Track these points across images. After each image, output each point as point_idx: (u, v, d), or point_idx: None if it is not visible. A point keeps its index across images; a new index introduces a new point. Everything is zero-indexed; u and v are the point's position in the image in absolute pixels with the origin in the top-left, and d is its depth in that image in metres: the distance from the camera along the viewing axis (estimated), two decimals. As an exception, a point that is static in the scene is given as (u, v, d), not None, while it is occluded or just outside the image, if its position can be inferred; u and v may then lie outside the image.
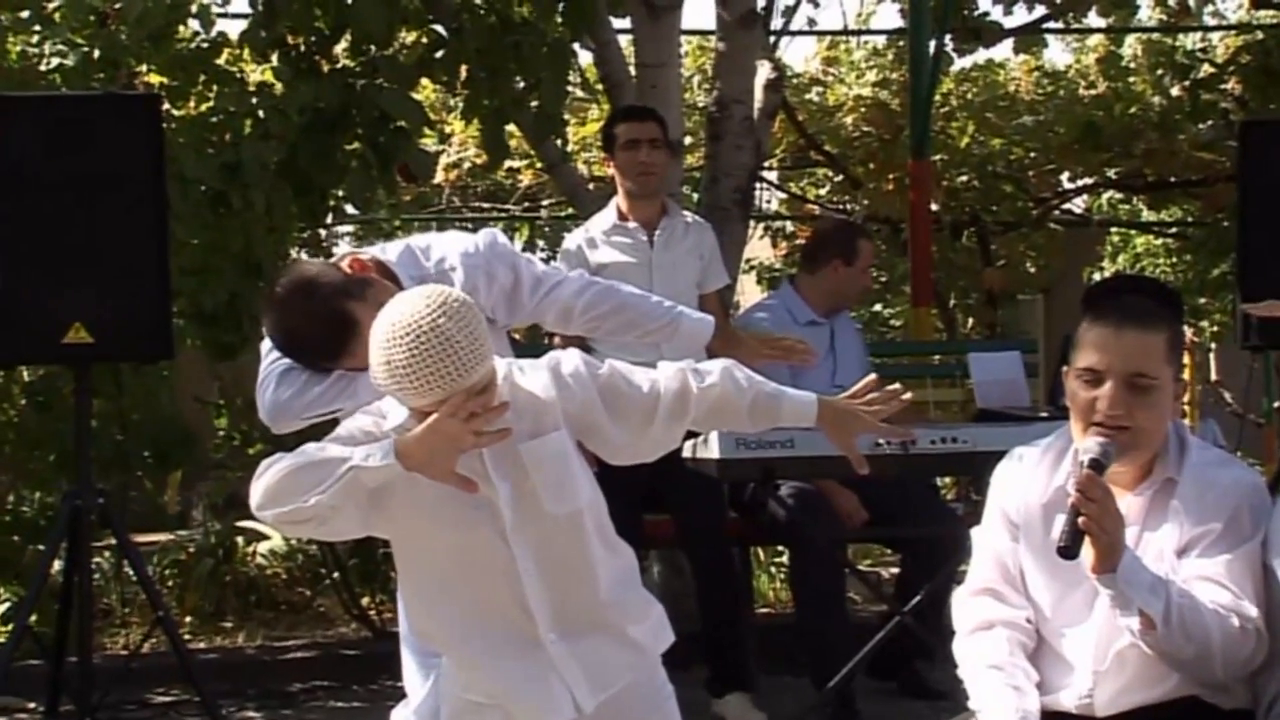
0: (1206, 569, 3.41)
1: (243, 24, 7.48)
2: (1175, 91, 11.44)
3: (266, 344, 4.25)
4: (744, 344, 4.77)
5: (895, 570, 7.43)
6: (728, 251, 7.18)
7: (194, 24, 7.27)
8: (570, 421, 3.25)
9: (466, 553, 3.20)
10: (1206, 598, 3.37)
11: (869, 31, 13.56)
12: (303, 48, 7.35)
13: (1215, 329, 13.62)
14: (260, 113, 7.02)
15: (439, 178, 11.73)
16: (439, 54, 7.51)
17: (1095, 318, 3.50)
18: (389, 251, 4.29)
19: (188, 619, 8.07)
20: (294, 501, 3.04)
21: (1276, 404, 11.41)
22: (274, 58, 7.43)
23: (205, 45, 7.31)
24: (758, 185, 9.90)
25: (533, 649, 3.22)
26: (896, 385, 3.55)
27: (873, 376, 3.58)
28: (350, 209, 9.19)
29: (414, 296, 3.06)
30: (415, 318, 3.00)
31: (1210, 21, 13.15)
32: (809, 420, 3.44)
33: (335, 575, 8.17)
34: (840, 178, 12.40)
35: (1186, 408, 11.47)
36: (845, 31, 13.43)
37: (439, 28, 7.55)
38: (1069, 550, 3.29)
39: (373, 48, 7.29)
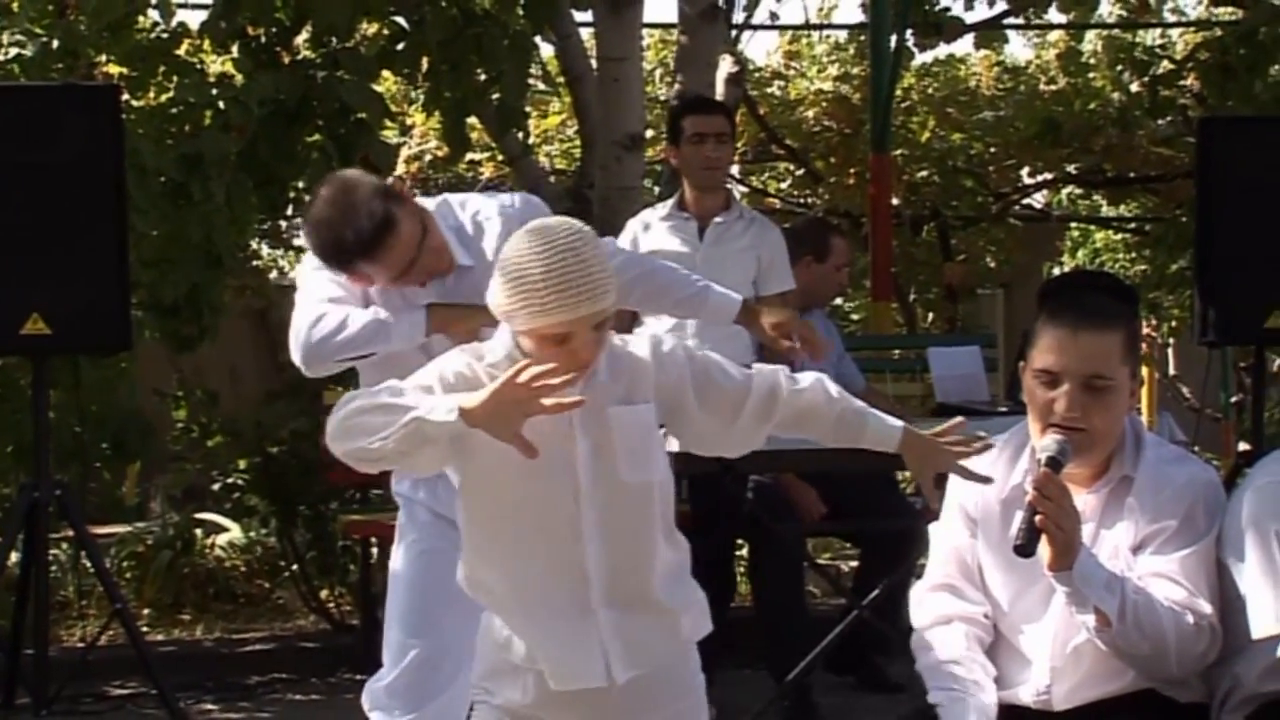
0: (1161, 566, 3.44)
1: (203, 15, 7.46)
2: (1135, 88, 11.50)
3: (302, 284, 4.27)
4: (761, 326, 4.71)
5: (855, 564, 7.45)
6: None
7: (153, 14, 7.26)
8: (661, 397, 3.24)
9: (537, 505, 3.17)
10: (1161, 594, 3.39)
11: (830, 26, 13.61)
12: (263, 39, 7.34)
13: (1173, 324, 13.69)
14: (220, 104, 7.01)
15: (400, 170, 11.70)
16: (400, 46, 7.51)
17: (1052, 317, 3.51)
18: (425, 202, 4.32)
19: (145, 611, 8.04)
20: (359, 441, 3.03)
21: (1234, 399, 11.50)
22: (234, 49, 7.42)
23: (165, 36, 7.30)
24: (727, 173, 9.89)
25: (582, 614, 3.20)
26: (982, 433, 3.42)
27: (960, 419, 3.46)
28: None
29: (553, 221, 3.12)
30: (555, 236, 3.04)
31: (1170, 18, 13.23)
32: (892, 445, 3.36)
33: (294, 568, 8.16)
34: (801, 172, 12.43)
35: (1144, 404, 11.56)
36: (806, 26, 13.48)
37: (400, 20, 7.55)
38: (1025, 548, 3.31)
39: (333, 39, 7.28)
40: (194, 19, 7.68)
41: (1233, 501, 3.51)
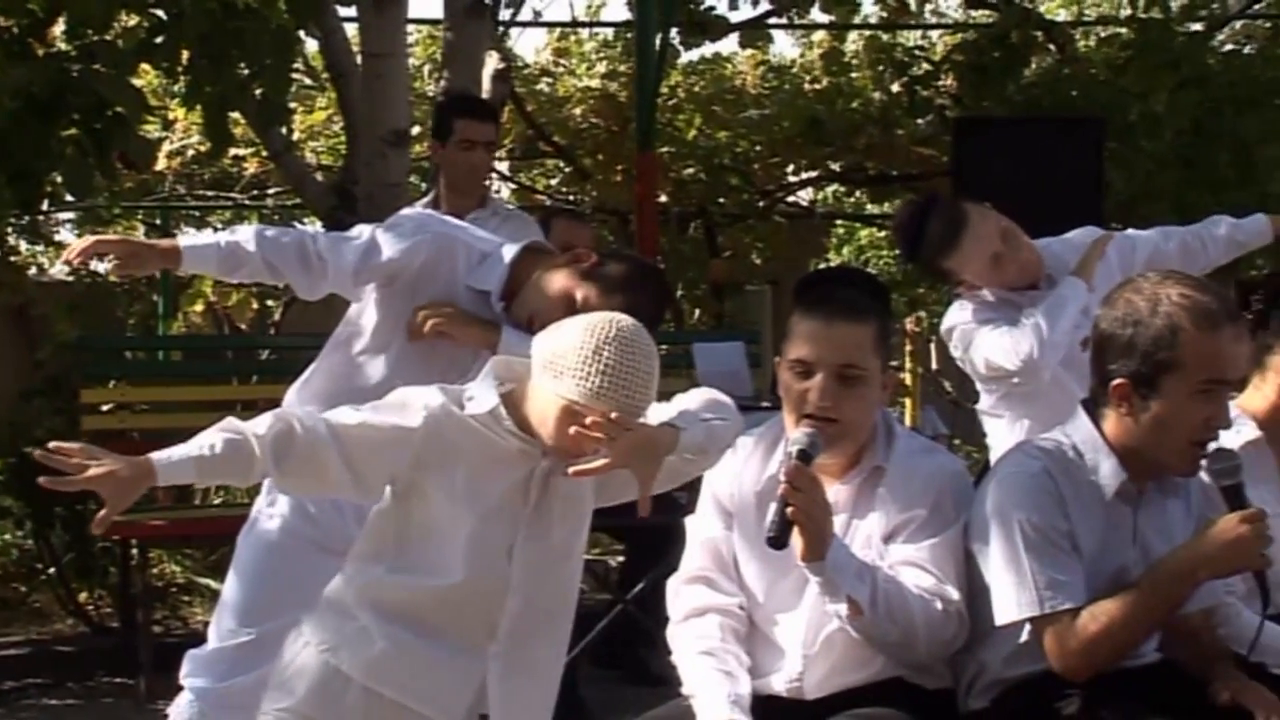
0: (911, 554, 3.51)
1: (-50, 5, 7.26)
2: (895, 88, 11.70)
3: None
4: None
5: (622, 559, 7.49)
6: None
7: (-99, 4, 7.03)
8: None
9: (475, 546, 3.22)
10: (911, 582, 3.47)
11: (595, 24, 13.66)
12: (15, 30, 7.15)
13: (934, 319, 13.96)
14: (-30, 96, 6.82)
15: (161, 165, 11.51)
16: (159, 39, 7.35)
17: (806, 310, 3.58)
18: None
19: (-101, 617, 7.84)
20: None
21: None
22: (-15, 40, 7.22)
23: (-88, 25, 7.08)
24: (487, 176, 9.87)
25: (471, 654, 3.28)
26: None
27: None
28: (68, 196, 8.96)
29: (643, 329, 3.21)
30: (644, 339, 3.16)
31: (931, 20, 13.50)
32: None
33: (51, 571, 7.98)
34: (569, 169, 12.45)
35: (909, 398, 11.79)
36: (572, 24, 13.51)
37: (159, 12, 7.39)
38: (777, 540, 3.36)
39: (90, 32, 7.12)
40: (-58, 9, 7.48)
41: (980, 491, 3.60)
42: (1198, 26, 11.40)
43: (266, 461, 3.14)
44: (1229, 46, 12.14)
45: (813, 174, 13.01)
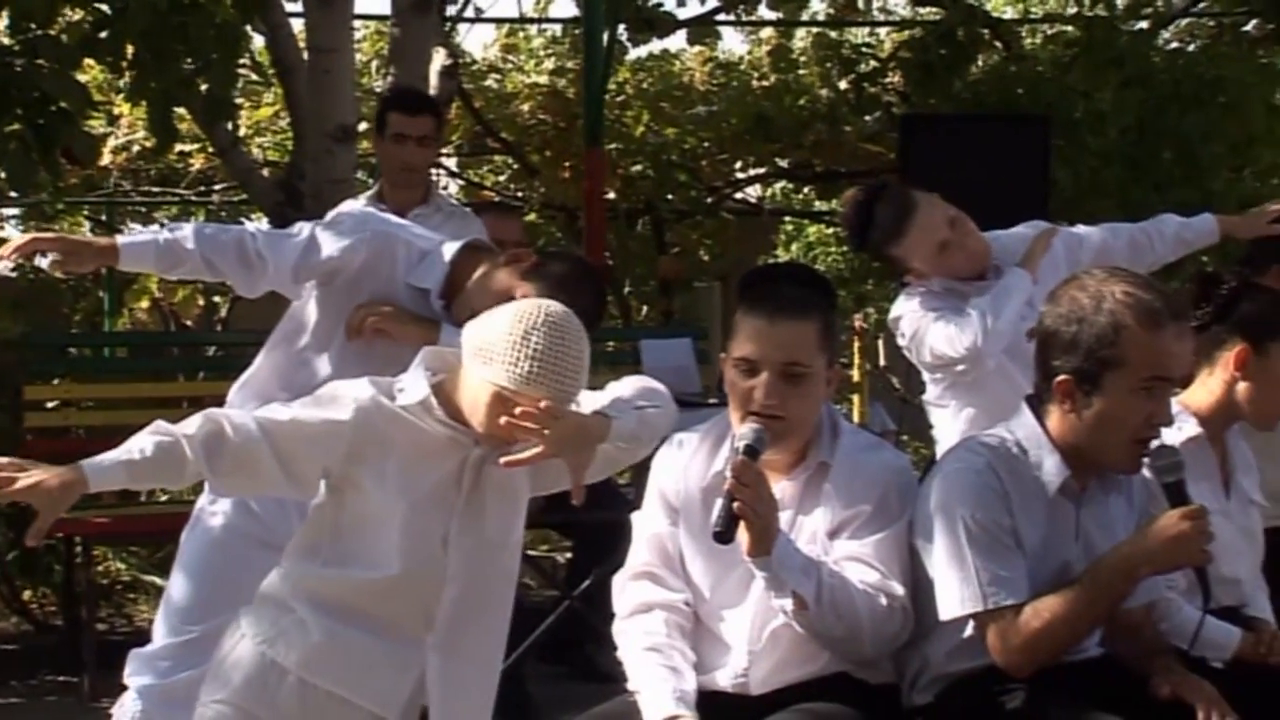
0: (856, 550, 3.53)
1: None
2: (842, 85, 11.73)
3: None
4: None
5: (570, 556, 7.49)
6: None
7: None
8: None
9: (409, 538, 3.23)
10: (856, 577, 3.48)
11: (543, 20, 13.64)
12: (-43, 25, 7.11)
13: (882, 316, 14.00)
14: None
15: (106, 160, 11.44)
16: (103, 34, 7.31)
17: (750, 308, 3.59)
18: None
19: None
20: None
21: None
22: (-75, 35, 7.17)
23: None
24: (435, 172, 9.86)
25: (409, 646, 3.29)
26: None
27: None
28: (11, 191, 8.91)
29: (574, 315, 3.23)
30: (573, 325, 3.18)
31: (879, 17, 13.54)
32: None
33: (-6, 568, 7.93)
34: (517, 165, 12.44)
35: (857, 394, 11.82)
36: (520, 20, 13.49)
37: (104, 6, 7.36)
38: (724, 535, 3.37)
39: (33, 26, 7.07)
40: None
41: (924, 488, 3.61)
42: (1143, 25, 11.48)
43: (199, 462, 3.15)
44: (1174, 45, 12.22)
45: (760, 171, 13.03)
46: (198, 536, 4.55)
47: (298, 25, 8.25)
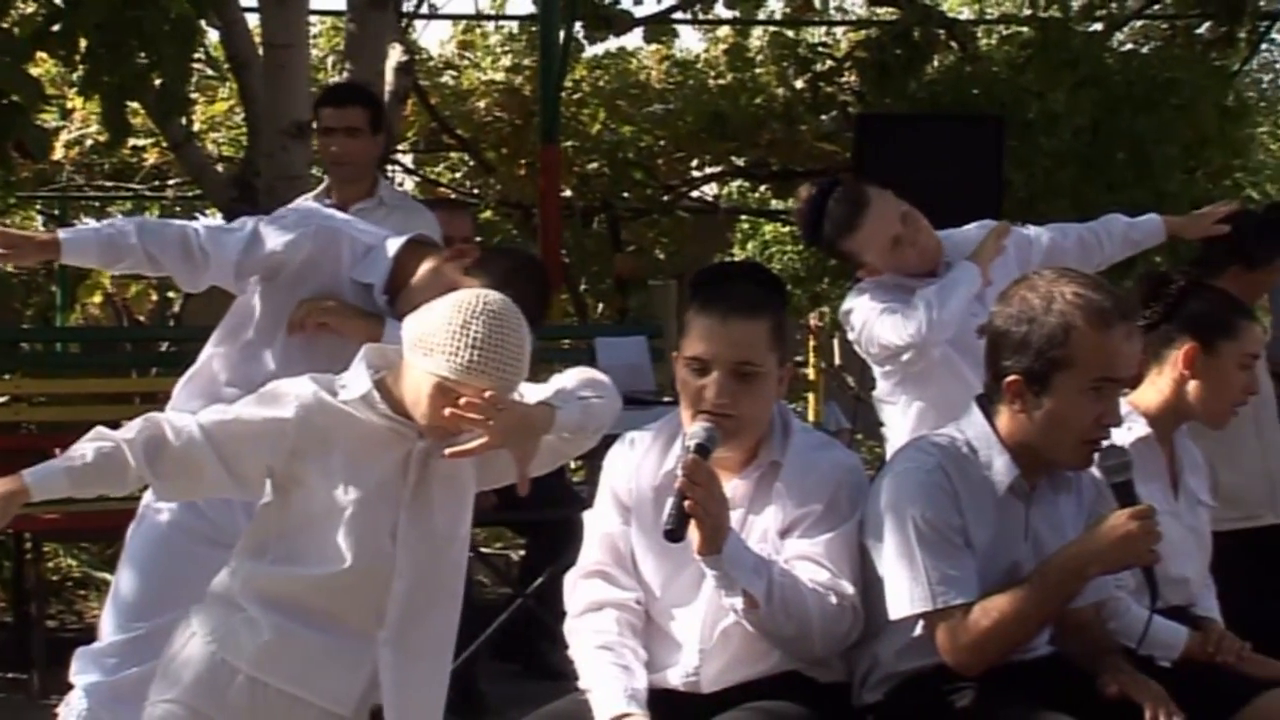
0: (807, 549, 3.53)
1: None
2: (798, 84, 11.76)
3: None
4: None
5: (523, 553, 7.49)
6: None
7: None
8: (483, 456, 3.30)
9: (357, 533, 3.23)
10: (806, 576, 3.49)
11: (500, 17, 13.65)
12: (-91, 17, 7.07)
13: (837, 315, 14.02)
14: None
15: (59, 155, 11.39)
16: (56, 26, 7.27)
17: (702, 307, 3.59)
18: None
19: None
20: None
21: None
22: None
23: None
24: (390, 169, 9.86)
25: (360, 641, 3.28)
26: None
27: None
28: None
29: (512, 304, 3.23)
30: (511, 313, 3.17)
31: (836, 16, 13.58)
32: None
33: (-56, 565, 7.89)
34: (473, 162, 12.43)
35: (812, 393, 11.85)
36: (476, 16, 13.51)
37: (57, -1, 7.33)
38: (674, 533, 3.37)
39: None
40: None
41: (875, 487, 3.62)
42: (1097, 26, 11.54)
43: (140, 467, 3.15)
44: (1127, 46, 12.30)
45: (717, 169, 13.05)
46: (144, 533, 4.53)
47: (253, 20, 8.22)
